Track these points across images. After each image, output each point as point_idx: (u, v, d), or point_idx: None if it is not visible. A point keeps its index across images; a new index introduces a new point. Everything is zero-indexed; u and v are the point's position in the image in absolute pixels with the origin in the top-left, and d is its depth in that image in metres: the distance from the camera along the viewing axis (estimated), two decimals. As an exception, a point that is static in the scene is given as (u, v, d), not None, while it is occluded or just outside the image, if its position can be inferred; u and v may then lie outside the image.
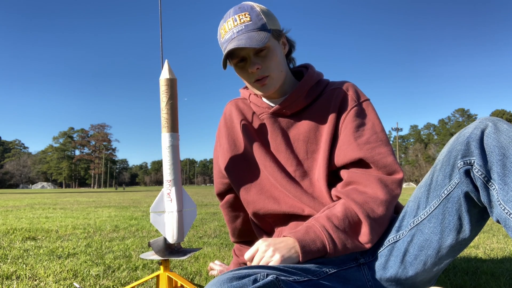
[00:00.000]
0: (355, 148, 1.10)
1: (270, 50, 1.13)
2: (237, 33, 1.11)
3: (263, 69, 1.14)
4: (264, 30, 1.11)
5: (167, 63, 1.23)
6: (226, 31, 1.14)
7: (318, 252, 0.98)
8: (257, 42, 1.07)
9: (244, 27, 1.11)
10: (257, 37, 1.08)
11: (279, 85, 1.18)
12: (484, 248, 2.44)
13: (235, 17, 1.12)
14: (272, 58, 1.14)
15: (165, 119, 1.21)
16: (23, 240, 2.82)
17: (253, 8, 1.13)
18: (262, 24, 1.11)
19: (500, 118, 0.90)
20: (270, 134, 1.22)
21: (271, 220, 1.23)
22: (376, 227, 1.01)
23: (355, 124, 1.14)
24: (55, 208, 6.85)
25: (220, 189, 1.40)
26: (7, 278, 1.62)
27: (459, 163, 0.87)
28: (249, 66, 1.14)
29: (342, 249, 0.99)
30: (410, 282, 1.01)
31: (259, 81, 1.15)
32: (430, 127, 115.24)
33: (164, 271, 1.23)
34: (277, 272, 0.88)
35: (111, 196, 15.90)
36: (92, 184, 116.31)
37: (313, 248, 0.98)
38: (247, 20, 1.11)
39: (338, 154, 1.14)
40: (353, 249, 1.00)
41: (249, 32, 1.10)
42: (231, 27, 1.12)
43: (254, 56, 1.13)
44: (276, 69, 1.15)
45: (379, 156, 1.08)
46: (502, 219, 0.83)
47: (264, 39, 1.08)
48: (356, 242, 1.00)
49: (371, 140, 1.11)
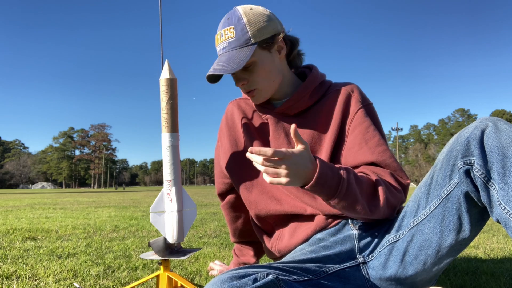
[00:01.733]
0: (367, 151, 1.10)
1: (256, 64, 1.13)
2: (222, 49, 1.14)
3: (249, 84, 1.16)
4: (247, 46, 1.11)
5: (167, 63, 1.23)
6: (217, 44, 1.18)
7: (328, 188, 0.94)
8: (234, 66, 1.08)
9: (227, 44, 1.13)
10: (236, 59, 1.09)
11: (269, 95, 1.20)
12: (484, 248, 2.44)
13: (221, 32, 1.15)
14: (259, 71, 1.14)
15: (165, 119, 1.21)
16: (23, 240, 2.82)
17: (240, 20, 1.12)
18: (246, 39, 1.11)
19: (500, 118, 0.90)
20: (272, 134, 1.22)
21: (272, 221, 1.23)
22: (385, 207, 1.01)
23: (364, 126, 1.14)
24: (55, 208, 6.85)
25: (221, 189, 1.40)
26: (7, 278, 1.62)
27: (459, 163, 0.87)
28: (236, 81, 1.18)
29: (350, 201, 0.96)
30: (410, 282, 1.01)
31: (248, 93, 1.19)
32: (430, 127, 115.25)
33: (164, 271, 1.23)
34: (277, 271, 0.88)
35: (111, 196, 15.90)
36: (92, 184, 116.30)
37: (325, 183, 0.93)
38: (230, 37, 1.12)
39: (348, 156, 1.13)
40: (356, 210, 0.98)
41: (231, 51, 1.11)
42: (218, 42, 1.16)
43: (240, 71, 1.15)
44: (264, 81, 1.16)
45: (391, 159, 1.10)
46: (502, 219, 0.83)
47: (244, 58, 1.09)
48: (364, 204, 0.98)
49: (380, 143, 1.12)
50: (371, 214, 1.00)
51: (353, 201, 0.96)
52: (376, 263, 1.03)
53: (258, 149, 0.87)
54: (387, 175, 1.07)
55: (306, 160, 0.92)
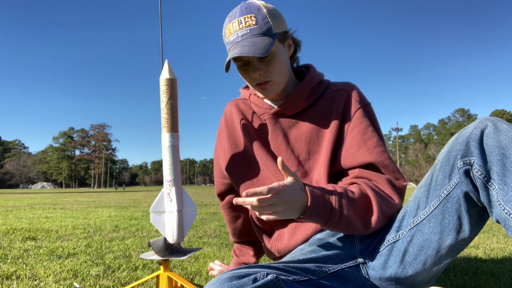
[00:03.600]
0: (365, 152, 1.10)
1: (274, 55, 1.12)
2: (241, 36, 1.09)
3: (265, 75, 1.13)
4: (269, 35, 1.09)
5: (167, 63, 1.23)
6: (231, 32, 1.12)
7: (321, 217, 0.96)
8: (261, 50, 1.05)
9: (249, 31, 1.09)
10: (261, 44, 1.06)
11: (280, 89, 1.18)
12: (484, 248, 2.44)
13: (240, 19, 1.10)
14: (276, 63, 1.13)
15: (165, 119, 1.21)
16: (23, 240, 2.82)
17: (260, 10, 1.10)
18: (268, 28, 1.09)
19: (500, 118, 0.90)
20: (271, 135, 1.22)
21: (272, 221, 1.23)
22: (381, 220, 1.02)
23: (363, 127, 1.14)
24: (55, 208, 6.85)
25: (221, 189, 1.40)
26: (7, 278, 1.62)
27: (459, 163, 0.87)
28: (251, 71, 1.13)
29: (344, 225, 0.98)
30: (410, 282, 1.01)
31: (261, 85, 1.15)
32: (430, 127, 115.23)
33: (164, 271, 1.23)
34: (277, 271, 0.88)
35: (111, 196, 15.90)
36: (92, 184, 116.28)
37: (318, 214, 0.95)
38: (252, 24, 1.09)
39: (346, 156, 1.13)
40: (351, 230, 1.00)
41: (254, 37, 1.08)
42: (236, 29, 1.11)
43: (258, 61, 1.12)
44: (279, 74, 1.14)
45: (389, 161, 1.10)
46: (502, 219, 0.83)
47: (269, 45, 1.06)
48: (359, 224, 0.99)
49: (379, 144, 1.12)
50: (366, 231, 1.01)
51: (347, 224, 0.98)
52: (376, 263, 1.03)
53: (253, 190, 0.87)
54: (383, 182, 1.07)
55: (298, 191, 0.93)
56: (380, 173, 1.09)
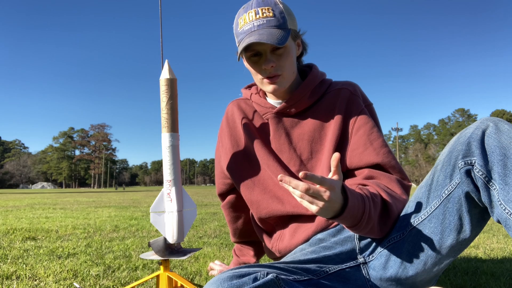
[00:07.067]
0: (372, 152, 1.10)
1: (287, 50, 1.12)
2: (257, 26, 1.09)
3: (276, 68, 1.12)
4: (284, 29, 1.09)
5: (167, 63, 1.23)
6: (246, 22, 1.11)
7: (352, 220, 0.92)
8: (278, 40, 1.05)
9: (266, 22, 1.08)
10: (278, 35, 1.06)
11: (288, 85, 1.17)
12: (484, 248, 2.44)
13: (257, 10, 1.10)
14: (288, 57, 1.13)
15: (165, 119, 1.21)
16: (23, 240, 2.82)
17: (277, 5, 1.11)
18: (284, 22, 1.10)
19: (501, 118, 0.90)
20: (273, 134, 1.22)
21: (273, 221, 1.23)
22: (394, 223, 1.02)
23: (369, 127, 1.14)
24: (55, 208, 6.85)
25: (222, 189, 1.40)
26: (7, 278, 1.62)
27: (460, 163, 0.87)
28: (263, 62, 1.12)
29: (368, 228, 0.96)
30: (410, 282, 1.01)
31: (270, 78, 1.13)
32: (430, 127, 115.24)
33: (164, 271, 1.23)
34: (277, 271, 0.88)
35: (111, 196, 15.90)
36: (92, 184, 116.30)
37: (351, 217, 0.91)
38: (269, 15, 1.09)
39: (352, 156, 1.13)
40: (371, 233, 0.98)
41: (270, 28, 1.08)
42: (252, 19, 1.10)
43: (271, 53, 1.11)
44: (289, 69, 1.14)
45: (395, 161, 1.10)
46: (502, 219, 0.83)
47: (284, 38, 1.07)
48: (378, 228, 0.98)
49: (384, 144, 1.12)
50: (382, 234, 1.01)
51: (370, 228, 0.96)
52: (377, 263, 1.03)
53: (312, 175, 0.80)
54: (393, 183, 1.07)
55: (340, 194, 0.88)
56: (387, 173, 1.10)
